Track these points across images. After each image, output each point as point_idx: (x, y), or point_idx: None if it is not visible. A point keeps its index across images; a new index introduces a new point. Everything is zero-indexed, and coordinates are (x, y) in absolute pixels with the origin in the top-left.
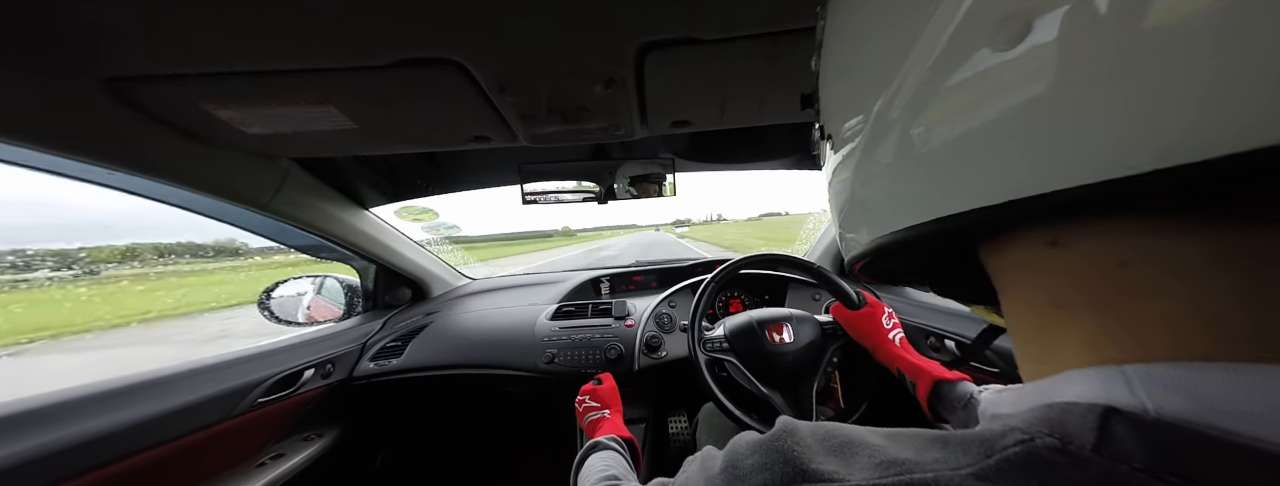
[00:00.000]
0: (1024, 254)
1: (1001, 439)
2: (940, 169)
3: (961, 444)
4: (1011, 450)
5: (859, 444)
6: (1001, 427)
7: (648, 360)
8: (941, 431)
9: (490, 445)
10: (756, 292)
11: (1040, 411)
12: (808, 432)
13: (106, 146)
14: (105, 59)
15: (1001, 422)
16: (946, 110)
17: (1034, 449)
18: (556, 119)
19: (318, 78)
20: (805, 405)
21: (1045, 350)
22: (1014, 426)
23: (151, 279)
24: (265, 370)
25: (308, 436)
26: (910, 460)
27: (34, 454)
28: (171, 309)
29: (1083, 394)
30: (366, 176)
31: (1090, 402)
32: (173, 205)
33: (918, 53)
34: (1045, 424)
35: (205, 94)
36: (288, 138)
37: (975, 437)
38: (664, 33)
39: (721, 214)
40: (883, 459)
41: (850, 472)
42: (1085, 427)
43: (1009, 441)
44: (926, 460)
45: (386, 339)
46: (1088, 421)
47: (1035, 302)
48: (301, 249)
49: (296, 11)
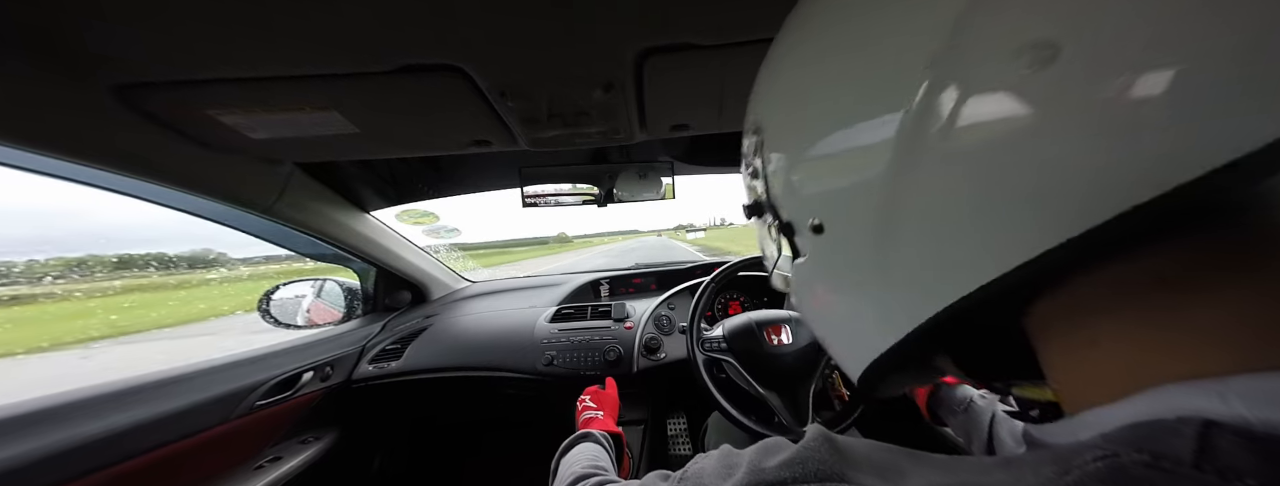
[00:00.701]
0: (1068, 301)
1: (1078, 455)
2: (961, 232)
3: (1029, 464)
4: (1093, 466)
5: (908, 469)
6: (1072, 443)
7: (647, 362)
8: (1001, 457)
9: (490, 447)
10: (756, 294)
11: (1120, 430)
12: (849, 446)
13: (114, 152)
14: (113, 66)
15: (1067, 441)
16: (958, 180)
17: (1119, 465)
18: (557, 123)
19: (322, 84)
20: (802, 407)
21: (1096, 376)
22: (1089, 445)
23: (97, 295)
24: (264, 373)
25: (306, 439)
26: (971, 481)
27: (31, 457)
28: (102, 331)
29: (1168, 409)
30: (368, 180)
31: (1182, 416)
32: (177, 209)
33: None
34: (1129, 441)
35: (211, 100)
36: (292, 142)
37: (1043, 457)
38: (663, 38)
39: (724, 217)
40: (935, 482)
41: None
42: (1180, 442)
43: (1088, 457)
44: (989, 482)
45: (386, 341)
46: (1183, 435)
47: (1081, 340)
48: (303, 252)
49: (302, 19)
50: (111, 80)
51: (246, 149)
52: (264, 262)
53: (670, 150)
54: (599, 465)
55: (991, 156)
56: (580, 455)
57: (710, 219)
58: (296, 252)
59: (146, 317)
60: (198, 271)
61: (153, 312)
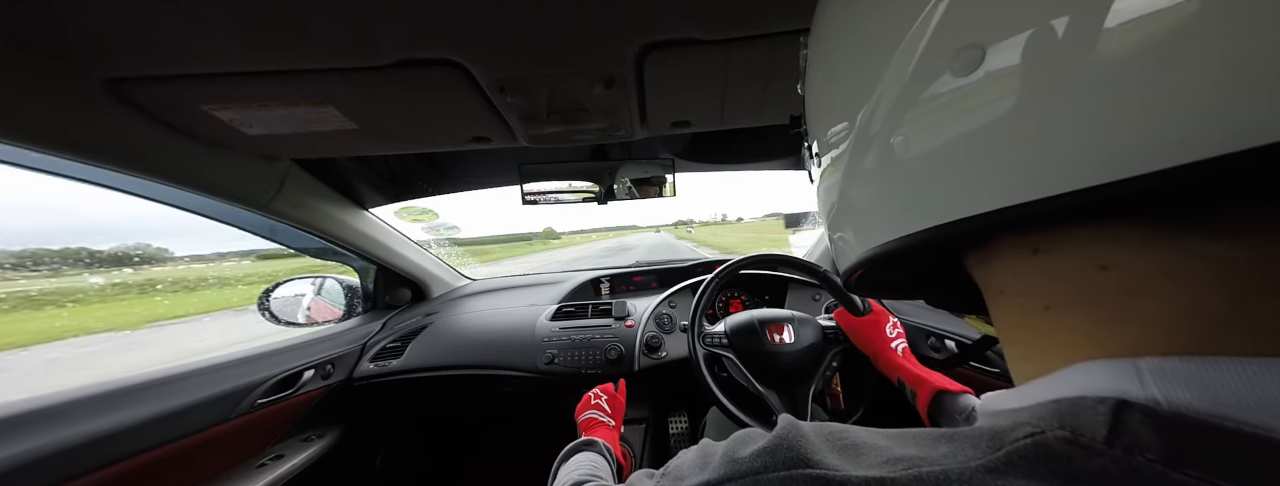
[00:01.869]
0: (1009, 262)
1: (1010, 432)
2: (919, 182)
3: (969, 438)
4: (1021, 442)
5: (864, 444)
6: (1008, 422)
7: (648, 360)
8: (946, 429)
9: (491, 445)
10: (757, 293)
11: (1048, 406)
12: (812, 430)
13: (107, 147)
14: (106, 60)
15: (1007, 418)
16: (920, 128)
17: (1044, 441)
18: (556, 120)
19: (317, 78)
20: (800, 406)
21: (1038, 351)
22: (1022, 421)
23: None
24: (265, 371)
25: (308, 437)
26: (917, 456)
27: (33, 456)
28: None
29: (1090, 387)
30: (366, 177)
31: (1100, 395)
32: (172, 206)
33: (891, 76)
34: (1054, 417)
35: (205, 95)
36: (288, 138)
37: (982, 432)
38: (664, 34)
39: (726, 214)
40: (889, 457)
41: (855, 468)
42: (1097, 420)
43: (1019, 434)
44: (934, 455)
45: (386, 339)
46: (1099, 413)
47: (1025, 307)
48: (301, 249)
49: (296, 12)
50: (103, 73)
51: (242, 145)
52: (218, 260)
53: (671, 147)
54: (598, 473)
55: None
56: (582, 461)
57: (711, 215)
58: (294, 250)
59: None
60: (116, 271)
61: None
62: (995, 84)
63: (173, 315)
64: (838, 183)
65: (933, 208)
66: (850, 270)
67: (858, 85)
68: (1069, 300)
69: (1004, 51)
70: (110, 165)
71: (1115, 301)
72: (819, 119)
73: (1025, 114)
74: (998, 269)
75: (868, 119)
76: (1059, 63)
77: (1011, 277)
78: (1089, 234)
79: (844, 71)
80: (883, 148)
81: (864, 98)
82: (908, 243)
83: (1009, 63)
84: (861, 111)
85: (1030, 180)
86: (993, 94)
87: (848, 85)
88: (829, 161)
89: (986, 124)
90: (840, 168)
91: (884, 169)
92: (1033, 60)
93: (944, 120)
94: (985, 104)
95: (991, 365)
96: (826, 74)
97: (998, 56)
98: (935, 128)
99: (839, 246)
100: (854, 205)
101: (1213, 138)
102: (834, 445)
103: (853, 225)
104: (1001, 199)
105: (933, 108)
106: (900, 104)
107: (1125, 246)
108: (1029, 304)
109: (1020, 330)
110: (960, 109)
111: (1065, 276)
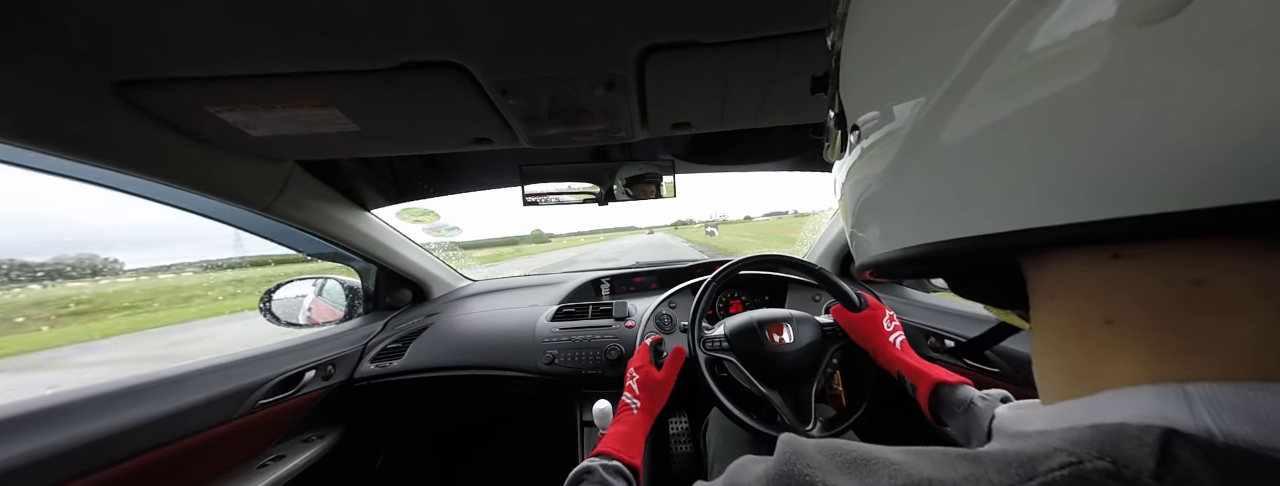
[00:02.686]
0: (1077, 265)
1: (1044, 460)
2: (1000, 180)
3: (995, 462)
4: (1057, 473)
5: (875, 460)
6: (1040, 448)
7: None
8: (966, 449)
9: (491, 446)
10: (757, 293)
11: (1085, 432)
12: (815, 450)
13: (113, 149)
14: (113, 63)
15: (1036, 442)
16: (1021, 114)
17: (1083, 472)
18: (557, 121)
19: (322, 81)
20: (804, 405)
21: (1084, 368)
22: (1055, 447)
23: None
24: (266, 372)
25: (309, 438)
26: (935, 478)
27: (35, 456)
28: None
29: (1136, 414)
30: (368, 178)
31: (1145, 424)
32: (175, 207)
33: (984, 46)
34: (1093, 446)
35: (210, 97)
36: (291, 140)
37: (1012, 457)
38: (665, 36)
39: (724, 214)
40: (904, 478)
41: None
42: (1143, 451)
43: (1054, 463)
44: (954, 477)
45: (387, 340)
46: (1145, 444)
47: (1081, 316)
48: (303, 250)
49: (300, 15)
50: (110, 76)
51: (246, 146)
52: (170, 271)
53: (671, 148)
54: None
55: (1052, 114)
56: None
57: (710, 214)
58: (296, 251)
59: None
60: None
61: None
62: (1154, 52)
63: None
64: (882, 164)
65: (1014, 210)
66: (876, 263)
67: (936, 38)
68: (1140, 314)
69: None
70: (115, 167)
71: (1197, 322)
72: (861, 81)
73: (1221, 89)
74: (1061, 270)
75: (945, 88)
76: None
77: (1073, 282)
78: (1186, 242)
79: (918, 14)
80: (967, 128)
81: (945, 57)
82: (966, 245)
83: (1196, 20)
84: (936, 77)
85: (1156, 191)
86: (1136, 71)
87: (920, 36)
88: (869, 148)
89: (1153, 100)
90: (885, 156)
91: (964, 154)
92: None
93: (1082, 95)
94: (1127, 82)
95: (991, 365)
96: (886, 17)
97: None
98: (1063, 104)
99: (867, 231)
100: (903, 193)
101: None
102: (839, 462)
103: (895, 220)
104: (1107, 209)
105: (1067, 78)
106: (1010, 69)
107: (1226, 261)
108: (1087, 314)
109: (1069, 341)
110: (1115, 80)
111: (1144, 286)
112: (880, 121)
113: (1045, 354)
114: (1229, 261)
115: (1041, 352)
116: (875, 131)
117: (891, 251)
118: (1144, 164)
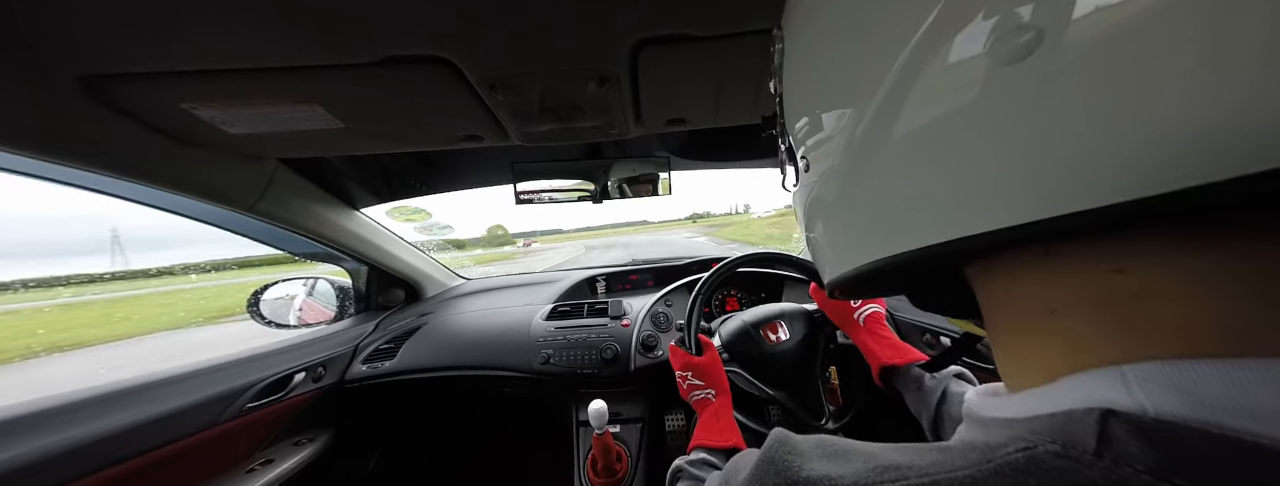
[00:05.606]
0: (1015, 264)
1: (1003, 446)
2: (933, 191)
3: (960, 451)
4: (1013, 456)
5: (855, 451)
6: (1001, 436)
7: (644, 360)
8: (942, 442)
9: (486, 447)
10: (752, 290)
11: (1043, 419)
12: (801, 440)
13: (82, 147)
14: (78, 57)
15: (999, 431)
16: (938, 127)
17: (1036, 455)
18: (549, 117)
19: (301, 76)
20: (812, 400)
21: (1036, 357)
22: (1016, 435)
23: None
24: (254, 374)
25: (299, 441)
26: (906, 464)
27: (13, 463)
28: None
29: (1084, 398)
30: (357, 176)
31: (1089, 406)
32: (155, 207)
33: (905, 65)
34: (1047, 431)
35: (184, 93)
36: (272, 138)
37: (976, 445)
38: (659, 29)
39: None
40: (878, 464)
41: (843, 473)
42: (1085, 431)
43: (1011, 448)
44: (922, 463)
45: (379, 341)
46: (1087, 425)
47: (1026, 311)
48: (292, 251)
49: (276, 7)
50: (77, 71)
51: (225, 144)
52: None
53: (666, 145)
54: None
55: (969, 127)
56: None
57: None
58: (284, 252)
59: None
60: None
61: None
62: (1052, 73)
63: None
64: (827, 190)
65: (949, 220)
66: (839, 282)
67: (854, 78)
68: (1077, 304)
69: (1076, 31)
70: (87, 166)
71: (1130, 307)
72: (800, 118)
73: (1081, 112)
74: (1001, 269)
75: (868, 118)
76: (1139, 46)
77: (1015, 280)
78: (1105, 238)
79: (837, 61)
80: (889, 151)
81: (864, 92)
82: (913, 256)
83: (1077, 45)
84: (859, 109)
85: (1077, 190)
86: (1043, 86)
87: (841, 78)
88: (813, 166)
89: (1030, 122)
90: (828, 173)
91: (889, 175)
92: (1109, 41)
93: (975, 118)
94: (1034, 98)
95: (987, 362)
96: (813, 65)
97: (1062, 39)
98: (961, 127)
99: (823, 255)
100: (847, 215)
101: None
102: (823, 452)
103: (844, 235)
104: (1032, 211)
105: (959, 104)
106: (915, 99)
107: (1147, 250)
108: (1031, 307)
109: (1018, 335)
110: (999, 105)
111: (1076, 279)
112: (822, 154)
113: (1002, 351)
114: (1159, 252)
115: (999, 345)
116: (818, 163)
117: (846, 270)
118: (1038, 174)
